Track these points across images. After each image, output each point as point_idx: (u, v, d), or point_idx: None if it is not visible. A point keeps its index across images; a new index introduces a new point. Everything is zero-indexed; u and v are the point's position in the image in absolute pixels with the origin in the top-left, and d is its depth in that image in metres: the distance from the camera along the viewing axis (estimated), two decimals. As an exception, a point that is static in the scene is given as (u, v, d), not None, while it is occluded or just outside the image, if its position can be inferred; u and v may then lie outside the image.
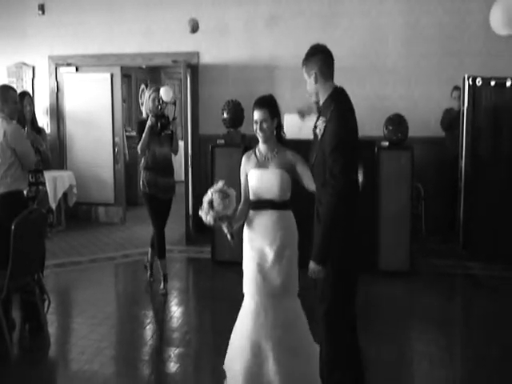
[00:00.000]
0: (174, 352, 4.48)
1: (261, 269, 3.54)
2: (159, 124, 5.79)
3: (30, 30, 8.87)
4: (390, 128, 6.46)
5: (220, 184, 3.47)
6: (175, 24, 8.16)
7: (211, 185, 3.53)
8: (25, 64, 9.00)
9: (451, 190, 7.29)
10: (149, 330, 5.02)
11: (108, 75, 8.81)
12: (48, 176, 6.37)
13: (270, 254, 3.54)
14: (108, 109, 8.84)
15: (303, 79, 3.40)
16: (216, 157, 6.72)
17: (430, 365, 4.30)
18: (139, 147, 5.75)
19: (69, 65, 8.87)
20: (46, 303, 5.31)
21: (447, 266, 6.62)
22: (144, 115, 5.97)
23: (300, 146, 6.27)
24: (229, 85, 8.06)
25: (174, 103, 6.06)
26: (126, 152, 9.95)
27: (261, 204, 3.59)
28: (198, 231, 7.69)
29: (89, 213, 9.02)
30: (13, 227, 4.30)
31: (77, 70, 8.92)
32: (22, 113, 5.65)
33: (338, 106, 3.20)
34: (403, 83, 7.68)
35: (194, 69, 8.30)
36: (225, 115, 6.95)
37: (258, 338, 3.45)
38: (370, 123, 7.39)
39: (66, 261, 6.91)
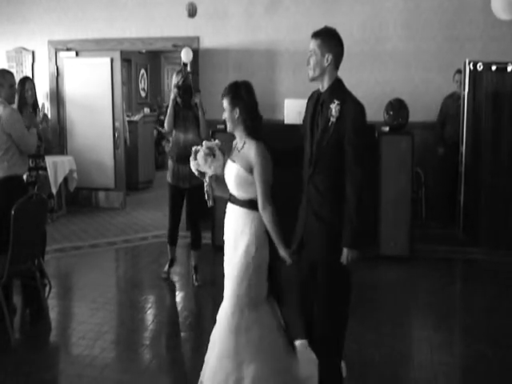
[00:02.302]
0: (174, 337, 4.51)
1: (225, 269, 3.40)
2: (181, 95, 5.53)
3: (29, 14, 8.81)
4: (391, 113, 6.45)
5: (215, 142, 3.43)
6: (175, 8, 8.10)
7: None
8: (24, 49, 8.96)
9: (451, 175, 7.28)
10: (150, 315, 5.05)
11: (108, 60, 8.77)
12: (48, 161, 6.38)
13: (226, 252, 3.38)
14: (108, 93, 8.81)
15: (303, 64, 3.33)
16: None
17: (429, 350, 4.33)
18: (165, 123, 5.59)
19: (69, 49, 8.83)
20: (47, 288, 5.34)
21: (447, 252, 6.64)
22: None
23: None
24: (229, 70, 8.03)
25: (196, 74, 5.76)
26: (127, 136, 9.95)
27: (230, 196, 3.40)
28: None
29: (89, 198, 9.02)
30: (13, 212, 4.31)
31: (77, 54, 8.88)
32: (24, 97, 5.65)
33: (350, 92, 3.19)
34: (403, 68, 7.63)
35: (194, 53, 8.25)
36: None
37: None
38: (369, 108, 7.21)
39: (66, 246, 6.93)
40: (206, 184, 3.41)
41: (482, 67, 6.69)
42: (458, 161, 7.04)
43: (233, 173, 3.30)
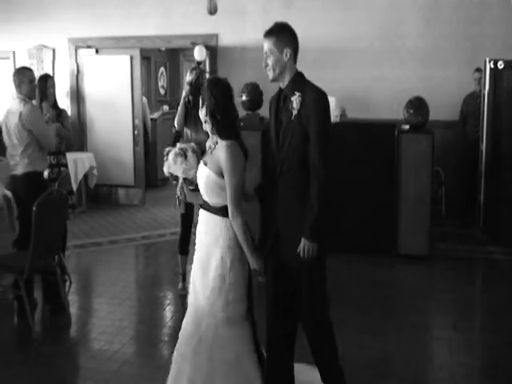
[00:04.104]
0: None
1: (192, 277, 3.20)
2: (193, 94, 5.35)
3: (50, 12, 8.88)
4: (411, 111, 6.40)
5: (189, 145, 3.26)
6: (194, 6, 8.13)
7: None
8: (45, 46, 9.04)
9: (471, 173, 7.23)
10: (168, 312, 5.08)
11: (127, 57, 8.81)
12: (69, 157, 6.43)
13: (197, 261, 3.17)
14: (127, 91, 8.86)
15: (322, 61, 3.32)
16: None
17: (449, 350, 4.30)
18: (175, 121, 5.51)
19: (89, 47, 8.90)
20: (68, 283, 5.41)
21: (467, 251, 6.58)
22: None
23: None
24: (247, 67, 8.03)
25: (210, 73, 5.73)
26: (149, 133, 10.06)
27: (203, 202, 3.18)
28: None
29: (109, 194, 9.09)
30: (34, 208, 4.35)
31: (97, 52, 8.94)
32: (45, 93, 5.70)
33: (312, 83, 3.10)
34: (423, 65, 7.59)
35: (212, 51, 8.28)
36: (243, 98, 6.92)
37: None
38: (389, 106, 7.36)
39: (86, 242, 6.99)
40: (177, 188, 3.26)
41: (502, 65, 6.62)
42: (478, 159, 6.99)
43: (203, 177, 3.06)
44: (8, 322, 4.83)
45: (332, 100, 6.59)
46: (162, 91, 12.62)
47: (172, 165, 3.17)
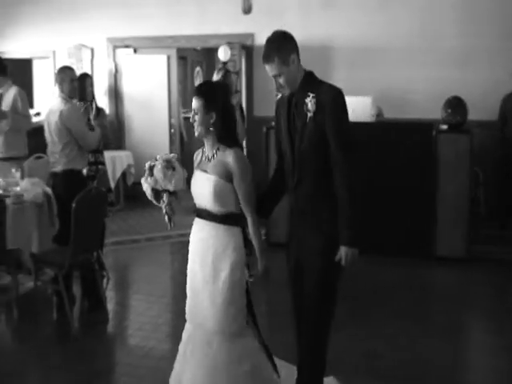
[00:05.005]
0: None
1: (192, 292, 3.13)
2: None
3: (89, 11, 9.01)
4: (449, 111, 6.32)
5: (171, 154, 3.09)
6: (230, 5, 8.15)
7: (266, 166, 3.35)
8: (84, 45, 9.18)
9: (511, 174, 7.09)
10: (204, 309, 5.11)
11: (164, 57, 8.91)
12: (107, 156, 6.53)
13: (199, 276, 3.06)
14: (164, 90, 8.96)
15: (359, 60, 3.27)
16: (270, 139, 6.72)
17: (482, 354, 4.24)
18: None
19: (127, 46, 9.02)
20: (105, 280, 5.49)
21: (505, 253, 6.45)
22: None
23: (356, 128, 6.22)
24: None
25: (236, 73, 5.70)
26: (184, 132, 10.11)
27: (199, 211, 3.11)
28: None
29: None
30: (73, 205, 4.43)
31: (134, 51, 9.06)
32: (85, 92, 5.80)
33: (325, 81, 2.95)
34: (460, 65, 7.47)
35: (248, 50, 8.29)
36: (279, 97, 6.91)
37: (180, 371, 3.11)
38: (427, 105, 7.27)
39: (124, 239, 7.08)
40: (163, 205, 3.07)
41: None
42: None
43: (208, 185, 2.98)
44: (47, 317, 4.94)
45: (368, 99, 6.57)
46: (197, 90, 12.68)
47: (161, 179, 2.98)
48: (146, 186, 3.03)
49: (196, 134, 3.03)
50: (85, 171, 5.26)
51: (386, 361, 4.04)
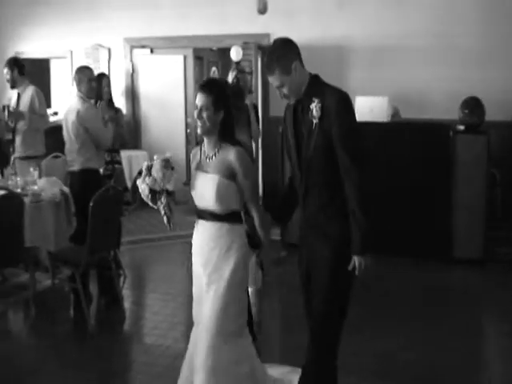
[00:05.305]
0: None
1: (197, 295, 3.09)
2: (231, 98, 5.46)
3: (106, 12, 9.06)
4: (466, 111, 6.28)
5: (167, 154, 3.03)
6: (246, 5, 8.15)
7: (281, 166, 3.30)
8: (101, 46, 9.23)
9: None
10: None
11: (181, 57, 8.95)
12: (123, 155, 6.57)
13: (203, 277, 3.02)
14: (181, 90, 8.99)
15: (376, 60, 3.21)
16: (286, 139, 6.72)
17: (500, 357, 4.21)
18: None
19: (143, 47, 9.05)
20: (122, 278, 5.52)
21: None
22: None
23: (372, 128, 6.22)
24: (299, 66, 8.01)
25: (250, 73, 5.64)
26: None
27: (200, 212, 3.07)
28: (267, 210, 7.73)
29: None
30: (91, 204, 4.47)
31: (151, 51, 9.09)
32: (100, 92, 5.84)
33: (331, 85, 2.84)
34: (479, 64, 7.40)
35: (264, 50, 8.28)
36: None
37: (189, 374, 3.11)
38: (443, 106, 7.21)
39: (140, 238, 7.12)
40: (162, 206, 3.03)
41: None
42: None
43: (211, 184, 2.95)
44: (64, 315, 4.99)
45: (384, 99, 6.54)
46: (213, 90, 12.72)
47: (159, 179, 2.93)
48: (144, 186, 2.97)
49: (201, 131, 2.98)
50: (101, 170, 5.30)
51: (401, 362, 4.03)
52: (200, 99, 2.94)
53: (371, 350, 4.21)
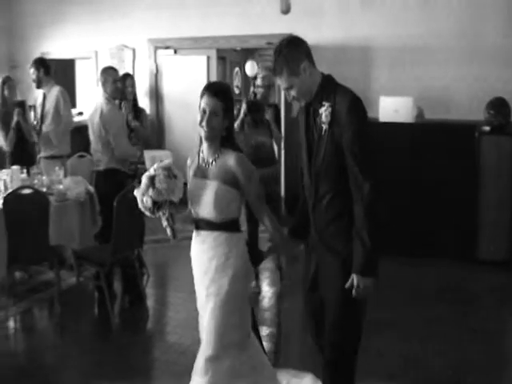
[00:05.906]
0: (265, 331, 4.57)
1: (199, 307, 3.06)
2: (251, 113, 5.46)
3: (131, 12, 9.13)
4: (491, 112, 6.21)
5: (167, 162, 2.91)
6: (270, 5, 8.15)
7: (301, 169, 3.19)
8: (126, 46, 9.30)
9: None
10: (241, 308, 5.13)
11: (204, 58, 8.98)
12: (147, 155, 6.60)
13: (202, 290, 2.96)
14: (204, 91, 9.03)
15: (400, 60, 3.13)
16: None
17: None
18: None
19: (167, 47, 9.11)
20: (145, 277, 5.56)
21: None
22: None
23: (397, 130, 6.18)
24: (322, 66, 7.95)
25: (269, 87, 5.68)
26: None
27: (198, 221, 2.96)
28: (290, 214, 7.74)
29: (185, 192, 9.23)
30: (115, 204, 4.51)
31: (175, 52, 9.15)
32: (124, 92, 5.88)
33: (344, 87, 2.68)
34: (504, 64, 7.30)
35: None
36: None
37: None
38: (469, 107, 7.14)
39: (163, 237, 7.14)
40: (163, 217, 2.89)
41: None
42: None
43: (209, 192, 2.86)
44: (89, 312, 5.04)
45: (409, 100, 6.49)
46: (236, 91, 12.76)
47: (164, 190, 2.78)
48: (146, 198, 2.82)
49: (206, 135, 2.90)
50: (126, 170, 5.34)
51: (426, 363, 4.01)
52: (209, 104, 2.87)
53: (393, 351, 4.19)
